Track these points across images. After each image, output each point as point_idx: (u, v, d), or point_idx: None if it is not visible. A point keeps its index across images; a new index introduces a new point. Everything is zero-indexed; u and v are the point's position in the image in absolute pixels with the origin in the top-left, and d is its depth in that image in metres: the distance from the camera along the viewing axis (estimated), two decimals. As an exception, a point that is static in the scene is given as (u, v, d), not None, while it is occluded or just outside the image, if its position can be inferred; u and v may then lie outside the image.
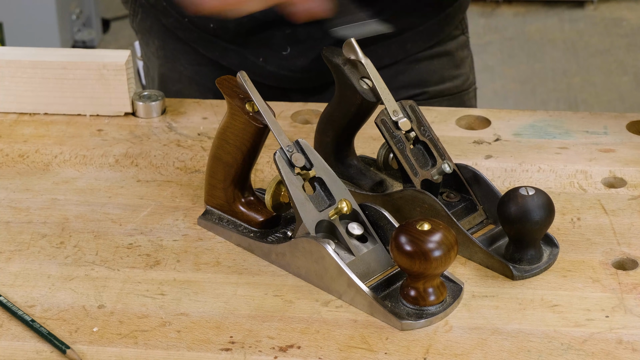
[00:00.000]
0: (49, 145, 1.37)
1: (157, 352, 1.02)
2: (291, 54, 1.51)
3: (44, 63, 1.41)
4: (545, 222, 1.09)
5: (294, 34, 1.49)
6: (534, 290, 1.09)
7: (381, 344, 1.02)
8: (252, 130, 1.13)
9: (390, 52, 1.54)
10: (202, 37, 1.54)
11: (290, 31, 1.49)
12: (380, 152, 1.21)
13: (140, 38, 1.66)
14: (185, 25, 1.54)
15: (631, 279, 1.10)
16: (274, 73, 1.53)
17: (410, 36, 1.54)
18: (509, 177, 1.29)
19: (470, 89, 1.67)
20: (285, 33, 1.49)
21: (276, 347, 1.02)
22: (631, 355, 1.00)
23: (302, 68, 1.52)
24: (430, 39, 1.56)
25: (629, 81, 3.86)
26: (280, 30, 1.49)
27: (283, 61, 1.52)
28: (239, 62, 1.53)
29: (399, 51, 1.55)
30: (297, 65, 1.52)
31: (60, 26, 3.74)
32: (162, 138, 1.38)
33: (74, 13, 3.88)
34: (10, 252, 1.16)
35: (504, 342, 1.02)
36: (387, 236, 1.11)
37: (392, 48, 1.54)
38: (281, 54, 1.51)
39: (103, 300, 1.09)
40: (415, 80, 1.57)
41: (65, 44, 3.80)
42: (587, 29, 4.27)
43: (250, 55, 1.53)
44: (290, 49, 1.51)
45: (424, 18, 1.54)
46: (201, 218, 1.20)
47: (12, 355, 1.02)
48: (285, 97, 1.54)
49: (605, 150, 1.34)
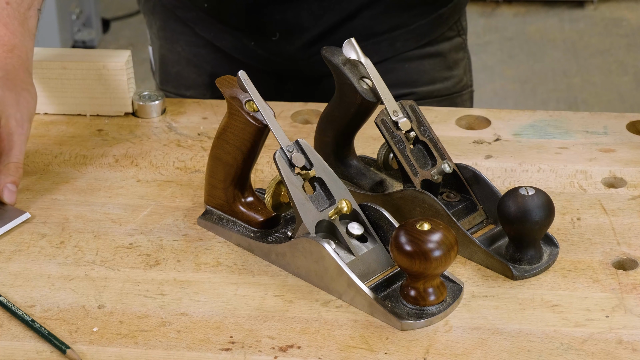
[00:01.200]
0: (49, 145, 1.37)
1: (157, 352, 1.02)
2: (280, 40, 1.52)
3: (44, 63, 1.41)
4: (545, 222, 1.09)
5: (284, 20, 1.50)
6: (534, 290, 1.09)
7: (381, 344, 1.02)
8: (252, 130, 1.13)
9: (379, 50, 1.54)
10: (199, 16, 1.55)
11: (280, 17, 1.49)
12: (380, 152, 1.21)
13: (146, 21, 1.67)
14: (183, 2, 1.55)
15: (631, 279, 1.10)
16: (265, 57, 1.54)
17: (400, 34, 1.54)
18: (509, 177, 1.29)
19: (465, 91, 1.66)
20: (275, 19, 1.50)
21: (276, 347, 1.02)
22: (631, 355, 1.00)
23: (291, 55, 1.53)
24: (421, 39, 1.56)
25: (629, 81, 3.86)
26: (270, 16, 1.50)
27: (273, 47, 1.52)
28: (232, 44, 1.54)
29: (389, 49, 1.55)
30: (287, 51, 1.52)
31: (60, 26, 3.74)
32: (162, 138, 1.38)
33: (74, 13, 3.88)
34: (10, 252, 1.16)
35: (504, 342, 1.02)
36: (387, 236, 1.11)
37: (381, 46, 1.54)
38: (271, 40, 1.52)
39: (103, 300, 1.09)
40: (404, 80, 1.57)
41: (65, 44, 3.80)
42: (587, 29, 4.27)
43: (244, 38, 1.53)
44: (279, 35, 1.52)
45: (415, 17, 1.54)
46: (201, 218, 1.20)
47: (12, 355, 1.02)
48: (280, 83, 1.54)
49: (605, 150, 1.34)
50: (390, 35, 1.53)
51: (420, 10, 1.53)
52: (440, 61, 1.60)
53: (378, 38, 1.52)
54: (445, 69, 1.61)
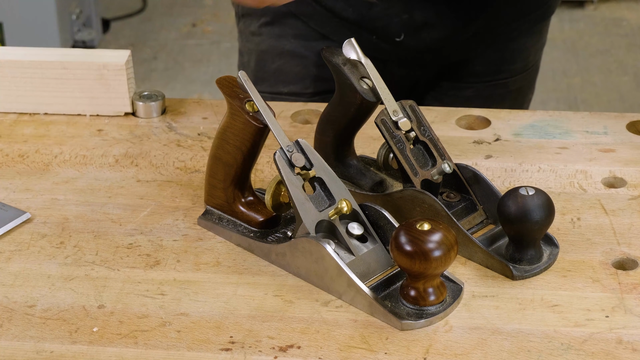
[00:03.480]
0: (49, 145, 1.37)
1: (157, 352, 1.02)
2: (405, 40, 1.54)
3: (44, 63, 1.41)
4: (545, 222, 1.09)
5: (411, 20, 1.51)
6: (534, 290, 1.09)
7: (381, 344, 1.02)
8: (252, 130, 1.13)
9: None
10: (318, 11, 1.55)
11: (407, 17, 1.51)
12: (380, 152, 1.21)
13: (242, 22, 1.67)
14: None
15: (631, 279, 1.10)
16: (388, 50, 1.56)
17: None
18: (509, 177, 1.29)
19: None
20: (402, 18, 1.51)
21: (276, 347, 1.02)
22: (631, 355, 1.00)
23: (417, 49, 1.56)
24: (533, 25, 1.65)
25: (629, 81, 3.86)
26: (397, 16, 1.52)
27: (397, 47, 1.55)
28: (351, 37, 1.55)
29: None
30: (411, 46, 1.55)
31: (60, 26, 3.74)
32: (162, 138, 1.38)
33: (74, 13, 3.88)
34: (10, 252, 1.16)
35: (504, 342, 1.02)
36: (387, 236, 1.11)
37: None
38: (394, 40, 1.54)
39: (103, 300, 1.09)
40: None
41: (65, 44, 3.79)
42: (587, 29, 4.27)
43: (365, 32, 1.54)
44: (404, 36, 1.53)
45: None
46: (201, 218, 1.20)
47: (12, 355, 1.02)
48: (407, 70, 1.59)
49: (605, 150, 1.34)
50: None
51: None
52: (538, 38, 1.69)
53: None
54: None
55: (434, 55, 1.59)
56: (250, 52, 1.66)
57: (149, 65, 3.95)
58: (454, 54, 1.60)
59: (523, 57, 1.66)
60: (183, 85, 3.83)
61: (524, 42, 1.64)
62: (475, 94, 1.66)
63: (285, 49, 1.61)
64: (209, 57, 4.02)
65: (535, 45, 1.68)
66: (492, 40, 1.60)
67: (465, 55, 1.61)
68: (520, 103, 1.72)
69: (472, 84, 1.66)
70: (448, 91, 1.67)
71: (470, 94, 1.66)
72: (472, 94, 1.66)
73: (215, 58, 4.01)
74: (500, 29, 1.59)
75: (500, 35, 1.60)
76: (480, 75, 1.65)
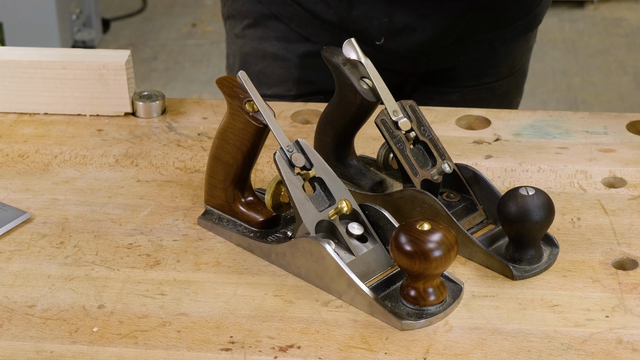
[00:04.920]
0: (49, 145, 1.37)
1: (157, 352, 1.02)
2: (385, 43, 1.53)
3: (44, 63, 1.41)
4: (545, 222, 1.09)
5: (391, 24, 1.51)
6: (534, 290, 1.09)
7: (381, 344, 1.02)
8: (252, 130, 1.13)
9: None
10: (299, 13, 1.55)
11: (388, 20, 1.51)
12: (380, 152, 1.21)
13: (228, 24, 1.67)
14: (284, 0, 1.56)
15: (631, 279, 1.10)
16: (367, 53, 1.56)
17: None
18: (509, 177, 1.29)
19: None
20: (382, 22, 1.51)
21: (276, 347, 1.02)
22: (631, 355, 1.00)
23: (397, 53, 1.55)
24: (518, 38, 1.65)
25: (629, 81, 3.86)
26: (377, 19, 1.51)
27: (377, 51, 1.54)
28: (331, 41, 1.53)
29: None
30: (391, 50, 1.54)
31: (60, 26, 3.74)
32: (162, 138, 1.38)
33: (74, 13, 3.88)
34: (10, 252, 1.16)
35: (504, 342, 1.02)
36: (387, 236, 1.11)
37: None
38: (374, 44, 1.53)
39: (103, 300, 1.09)
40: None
41: (65, 44, 3.79)
42: (587, 29, 4.27)
43: (345, 35, 1.54)
44: (384, 39, 1.53)
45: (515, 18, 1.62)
46: (201, 218, 1.20)
47: (12, 355, 1.02)
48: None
49: (605, 150, 1.34)
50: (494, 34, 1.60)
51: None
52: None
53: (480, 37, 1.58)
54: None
55: (414, 61, 1.58)
56: (235, 54, 1.67)
57: (149, 65, 3.95)
58: (435, 61, 1.59)
59: (508, 61, 1.65)
60: (183, 85, 3.83)
61: (509, 47, 1.63)
62: (460, 98, 1.65)
63: (267, 51, 1.61)
64: (209, 57, 4.02)
65: (520, 49, 1.66)
66: (475, 48, 1.59)
67: (448, 62, 1.60)
68: (507, 107, 1.70)
69: (456, 88, 1.65)
70: (433, 95, 1.66)
71: (456, 98, 1.65)
72: (457, 98, 1.65)
73: (215, 58, 4.01)
74: (481, 36, 1.58)
75: (482, 43, 1.59)
76: (465, 79, 1.64)
